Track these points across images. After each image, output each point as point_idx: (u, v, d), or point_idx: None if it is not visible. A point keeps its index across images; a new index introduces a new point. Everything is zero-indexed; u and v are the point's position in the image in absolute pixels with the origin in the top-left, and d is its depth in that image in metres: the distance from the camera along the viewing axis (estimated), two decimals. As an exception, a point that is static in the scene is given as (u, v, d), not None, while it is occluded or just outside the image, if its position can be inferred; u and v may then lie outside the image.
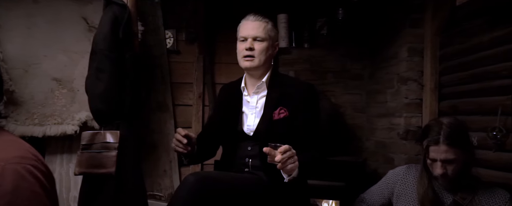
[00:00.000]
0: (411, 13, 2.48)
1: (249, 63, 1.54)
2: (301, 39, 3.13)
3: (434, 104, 2.37)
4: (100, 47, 1.22)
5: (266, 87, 1.59)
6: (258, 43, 1.55)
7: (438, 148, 1.38)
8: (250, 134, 1.57)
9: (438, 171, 1.38)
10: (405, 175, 1.58)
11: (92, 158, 1.17)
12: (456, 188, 1.45)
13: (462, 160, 1.40)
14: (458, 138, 1.40)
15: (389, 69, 2.73)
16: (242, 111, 1.62)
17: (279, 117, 1.53)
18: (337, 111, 3.13)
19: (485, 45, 1.95)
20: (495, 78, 1.89)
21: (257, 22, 1.56)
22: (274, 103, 1.55)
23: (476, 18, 2.04)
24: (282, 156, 1.33)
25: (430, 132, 1.42)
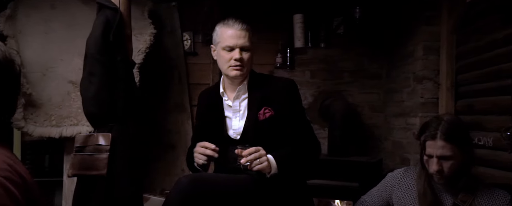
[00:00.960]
0: (426, 10, 2.42)
1: (239, 72, 1.54)
2: (317, 38, 3.12)
3: (450, 103, 2.31)
4: (91, 51, 1.27)
5: (246, 90, 1.59)
6: (245, 53, 1.55)
7: (435, 143, 1.36)
8: (237, 138, 1.58)
9: (433, 168, 1.36)
10: (403, 178, 1.55)
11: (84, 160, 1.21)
12: (455, 189, 1.42)
13: (459, 159, 1.37)
14: (457, 135, 1.38)
15: (405, 68, 2.68)
16: (225, 116, 1.63)
17: (265, 117, 1.54)
18: (354, 111, 3.09)
19: (500, 43, 1.89)
20: (509, 76, 1.81)
21: (243, 31, 1.54)
22: (257, 104, 1.55)
23: (490, 15, 1.97)
24: (247, 158, 1.36)
25: (428, 127, 1.41)
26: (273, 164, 1.45)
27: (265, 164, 1.41)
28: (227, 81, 1.63)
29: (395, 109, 2.85)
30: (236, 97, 1.61)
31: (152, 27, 2.31)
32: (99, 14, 1.29)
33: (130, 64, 1.30)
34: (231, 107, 1.62)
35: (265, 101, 1.56)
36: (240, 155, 1.41)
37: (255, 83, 1.61)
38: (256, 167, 1.40)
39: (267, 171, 1.44)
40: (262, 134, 1.55)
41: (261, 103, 1.57)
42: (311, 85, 3.12)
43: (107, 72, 1.23)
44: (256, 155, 1.40)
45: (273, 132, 1.55)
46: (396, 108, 2.83)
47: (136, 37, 2.24)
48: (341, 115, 2.80)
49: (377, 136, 3.09)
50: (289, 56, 3.10)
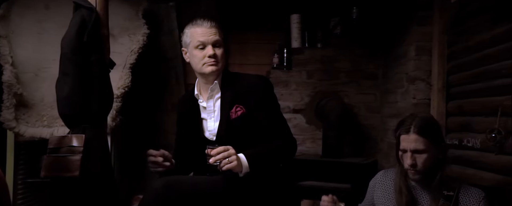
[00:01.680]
0: (418, 10, 2.40)
1: (214, 67, 1.55)
2: (314, 39, 3.12)
3: (442, 105, 2.29)
4: (65, 51, 1.29)
5: (219, 89, 1.60)
6: (218, 49, 1.57)
7: (408, 137, 1.41)
8: (213, 139, 1.60)
9: (408, 162, 1.40)
10: (383, 178, 1.57)
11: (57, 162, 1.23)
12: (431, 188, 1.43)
13: (432, 153, 1.41)
14: (429, 130, 1.43)
15: (399, 69, 2.66)
16: (201, 118, 1.64)
17: (236, 116, 1.55)
18: (350, 112, 3.09)
19: (488, 43, 1.86)
20: (496, 77, 1.79)
21: (214, 28, 1.56)
22: (229, 102, 1.56)
23: (480, 15, 1.95)
24: (215, 158, 1.36)
25: (403, 123, 1.46)
26: (245, 163, 1.45)
27: (234, 163, 1.41)
28: (201, 82, 1.64)
29: (390, 110, 2.84)
30: (209, 97, 1.62)
31: (146, 27, 2.34)
32: (75, 14, 1.32)
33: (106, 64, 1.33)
34: (206, 108, 1.64)
35: (236, 99, 1.57)
36: (209, 154, 1.41)
37: (227, 82, 1.62)
38: (225, 166, 1.40)
39: (238, 170, 1.44)
40: (234, 133, 1.55)
41: (232, 101, 1.57)
42: (308, 85, 3.13)
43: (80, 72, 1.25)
44: (225, 154, 1.40)
45: (246, 130, 1.55)
46: (391, 109, 2.82)
47: (129, 37, 2.28)
48: (335, 116, 2.80)
49: (374, 137, 3.08)
50: (286, 57, 3.12)
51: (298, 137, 3.10)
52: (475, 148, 1.94)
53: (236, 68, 3.18)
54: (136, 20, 2.36)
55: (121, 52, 2.24)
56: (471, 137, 1.99)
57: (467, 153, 2.03)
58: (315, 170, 2.67)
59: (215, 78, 1.60)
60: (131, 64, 2.21)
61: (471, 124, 2.00)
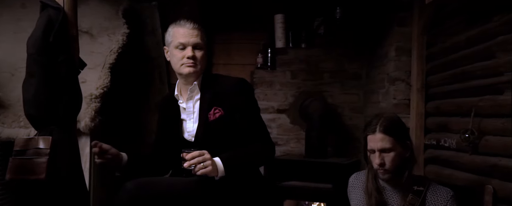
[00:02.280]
0: (399, 11, 2.42)
1: (192, 68, 1.52)
2: (298, 39, 3.13)
3: (421, 105, 2.30)
4: (30, 51, 1.27)
5: (199, 90, 1.60)
6: (198, 51, 1.56)
7: (374, 136, 1.44)
8: (192, 140, 1.59)
9: (376, 161, 1.42)
10: (354, 180, 1.58)
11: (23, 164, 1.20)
12: (406, 191, 1.44)
13: (398, 152, 1.43)
14: (394, 129, 1.46)
15: (381, 69, 2.68)
16: (181, 118, 1.64)
17: (214, 118, 1.54)
18: (334, 112, 3.09)
19: (463, 45, 1.88)
20: (471, 78, 1.81)
21: (195, 30, 1.55)
22: (207, 104, 1.56)
23: (455, 16, 1.97)
24: (189, 162, 1.36)
25: (370, 124, 1.49)
26: (220, 167, 1.44)
27: (208, 168, 1.40)
28: (181, 82, 1.64)
29: (373, 110, 2.85)
30: (189, 98, 1.61)
31: (126, 27, 2.32)
32: (42, 14, 1.30)
33: (75, 65, 1.31)
34: (185, 109, 1.63)
35: (215, 101, 1.56)
36: (184, 158, 1.40)
37: (207, 83, 1.62)
38: (200, 171, 1.39)
39: (213, 174, 1.43)
40: (212, 135, 1.55)
41: (211, 103, 1.57)
42: (292, 85, 3.13)
43: (46, 73, 1.23)
44: (200, 159, 1.39)
45: (224, 132, 1.55)
46: (374, 109, 2.83)
47: (109, 37, 2.26)
48: (318, 116, 2.80)
49: (358, 137, 3.09)
50: (270, 56, 3.12)
51: (282, 137, 3.15)
52: (452, 148, 1.96)
53: (221, 68, 3.18)
54: (116, 20, 2.34)
55: (100, 52, 2.23)
56: (448, 137, 2.00)
57: (444, 153, 2.05)
58: (298, 170, 2.67)
59: (194, 79, 1.60)
60: (110, 64, 2.19)
61: (448, 124, 2.02)
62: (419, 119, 2.31)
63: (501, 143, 1.58)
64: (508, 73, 1.54)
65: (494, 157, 1.62)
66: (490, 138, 1.66)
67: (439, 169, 2.12)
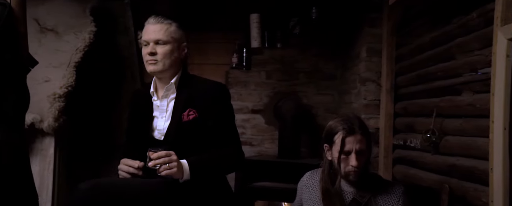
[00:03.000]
0: (370, 12, 2.43)
1: (153, 67, 1.51)
2: (273, 39, 3.12)
3: (390, 106, 2.32)
4: None
5: (175, 89, 1.57)
6: (160, 47, 1.50)
7: (354, 138, 1.39)
8: (161, 138, 1.56)
9: (354, 163, 1.38)
10: (309, 180, 1.57)
11: None
12: (356, 185, 1.44)
13: (368, 153, 1.43)
14: (366, 129, 1.44)
15: (353, 70, 2.69)
16: (153, 116, 1.61)
17: (188, 119, 1.51)
18: (309, 112, 3.10)
19: (427, 46, 1.90)
20: (434, 79, 1.83)
21: (158, 24, 1.51)
22: (182, 104, 1.53)
23: (421, 18, 1.99)
24: (154, 162, 1.33)
25: (340, 125, 1.43)
26: (186, 170, 1.42)
27: (174, 170, 1.37)
28: (157, 81, 1.61)
29: (346, 110, 2.86)
30: (164, 96, 1.58)
31: (93, 25, 2.28)
32: (-14, 11, 1.25)
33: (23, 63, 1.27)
34: (159, 106, 1.60)
35: (190, 102, 1.54)
36: (150, 158, 1.38)
37: (185, 83, 1.58)
38: (164, 172, 1.37)
39: (178, 177, 1.41)
40: (183, 136, 1.52)
41: (186, 104, 1.54)
42: (267, 85, 3.12)
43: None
44: (166, 160, 1.36)
45: (196, 134, 1.52)
46: (347, 110, 2.84)
47: (75, 35, 2.22)
48: (291, 116, 2.80)
49: (332, 137, 3.10)
50: (245, 56, 3.10)
51: (256, 138, 3.14)
52: (416, 149, 1.98)
53: (195, 67, 3.14)
54: (83, 18, 2.29)
55: (66, 50, 2.18)
56: (413, 137, 2.02)
57: (410, 154, 2.07)
58: (270, 171, 2.66)
59: (169, 77, 1.56)
60: (76, 62, 2.14)
61: (414, 125, 2.04)
62: (388, 120, 2.33)
63: (459, 143, 1.60)
64: (466, 74, 1.56)
65: (453, 157, 1.64)
66: (450, 138, 1.68)
67: (406, 169, 2.14)
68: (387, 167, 2.32)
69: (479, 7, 1.46)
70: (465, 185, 1.53)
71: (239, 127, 3.23)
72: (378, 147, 2.38)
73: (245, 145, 3.14)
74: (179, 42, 1.55)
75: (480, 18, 1.46)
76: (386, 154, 2.33)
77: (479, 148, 1.43)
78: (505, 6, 1.20)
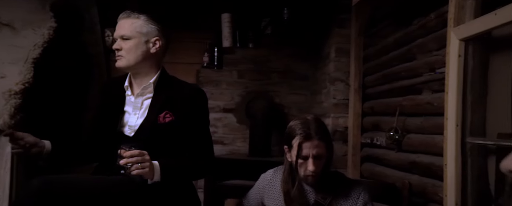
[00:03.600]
0: (339, 13, 2.48)
1: (118, 63, 1.46)
2: (245, 38, 3.12)
3: (358, 105, 2.37)
4: None
5: (153, 90, 1.51)
6: (125, 42, 1.45)
7: (311, 143, 1.36)
8: (131, 135, 1.53)
9: (311, 168, 1.36)
10: (272, 178, 1.56)
11: None
12: (319, 187, 1.44)
13: (327, 156, 1.41)
14: (325, 133, 1.41)
15: (323, 69, 2.74)
16: (124, 110, 1.56)
17: (164, 121, 1.48)
18: (281, 112, 3.12)
19: (391, 46, 1.95)
20: (397, 79, 1.88)
21: (124, 19, 1.46)
22: (160, 106, 1.48)
23: (386, 19, 2.04)
24: (126, 160, 1.31)
25: (296, 130, 1.40)
26: (157, 171, 1.38)
27: (146, 170, 1.33)
28: (132, 77, 1.56)
29: (318, 110, 2.90)
30: (140, 94, 1.53)
31: (53, 21, 2.21)
32: None
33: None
34: (132, 102, 1.55)
35: (168, 105, 1.49)
36: (121, 155, 1.33)
37: (163, 84, 1.54)
38: (135, 171, 1.32)
39: (149, 177, 1.37)
40: (158, 137, 1.48)
41: (163, 106, 1.50)
42: (239, 85, 3.13)
43: None
44: (139, 159, 1.30)
45: (170, 137, 1.48)
46: (318, 109, 2.88)
47: (34, 31, 2.15)
48: (262, 115, 2.82)
49: (304, 136, 3.13)
50: (217, 56, 3.09)
51: (228, 137, 3.14)
52: (382, 147, 2.03)
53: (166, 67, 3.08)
54: (42, 13, 2.22)
55: (23, 46, 2.10)
56: (379, 136, 2.08)
57: (376, 152, 2.13)
58: (241, 169, 2.66)
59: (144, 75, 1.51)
60: (34, 59, 2.07)
61: (380, 123, 2.09)
62: (357, 119, 2.38)
63: (419, 140, 1.65)
64: (426, 74, 1.61)
65: (414, 154, 1.69)
66: (411, 136, 1.74)
67: (372, 166, 2.19)
68: (355, 165, 2.37)
69: (436, 9, 1.52)
70: (424, 180, 1.59)
71: (211, 126, 3.19)
72: (347, 146, 2.43)
73: (216, 144, 3.14)
74: (147, 36, 1.49)
75: (437, 20, 1.51)
76: (354, 152, 2.38)
77: (437, 145, 1.48)
78: (458, 8, 1.25)
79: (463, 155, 1.21)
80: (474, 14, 1.22)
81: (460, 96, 1.20)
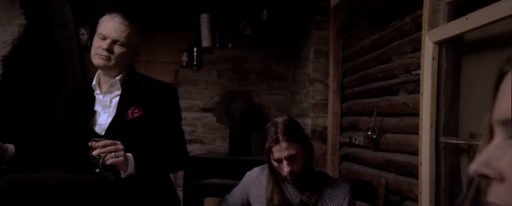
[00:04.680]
0: (317, 15, 2.52)
1: (103, 61, 1.46)
2: (224, 39, 3.13)
3: (337, 105, 2.42)
4: None
5: (120, 87, 1.54)
6: (118, 47, 1.47)
7: (279, 146, 1.38)
8: (102, 133, 1.53)
9: (286, 170, 1.39)
10: (259, 176, 1.58)
11: None
12: (304, 187, 1.47)
13: (303, 155, 1.43)
14: (294, 133, 1.42)
15: (302, 70, 2.77)
16: (94, 110, 1.57)
17: (133, 117, 1.49)
18: (260, 111, 3.14)
19: (368, 48, 2.00)
20: (374, 80, 1.93)
21: (123, 25, 1.47)
22: (128, 102, 1.49)
23: (363, 21, 2.09)
24: (100, 150, 1.30)
25: (268, 133, 1.42)
26: (131, 163, 1.38)
27: (121, 158, 1.32)
28: (101, 74, 1.56)
29: (296, 110, 2.94)
30: (108, 91, 1.54)
31: (23, 18, 2.16)
32: None
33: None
34: (101, 101, 1.56)
35: (136, 101, 1.51)
36: (93, 147, 1.32)
37: (131, 81, 1.55)
38: (110, 160, 1.31)
39: (123, 168, 1.36)
40: (127, 133, 1.48)
41: (132, 102, 1.51)
42: (218, 85, 3.13)
43: None
44: (112, 148, 1.30)
45: (139, 133, 1.49)
46: (297, 109, 2.92)
47: (2, 28, 2.10)
48: (241, 114, 2.84)
49: (283, 136, 3.16)
50: (196, 55, 3.09)
51: (207, 136, 3.14)
52: (359, 146, 2.08)
53: (142, 66, 3.06)
54: (12, 10, 2.17)
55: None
56: (357, 135, 2.12)
57: (354, 151, 2.18)
58: (221, 168, 2.67)
59: (115, 74, 1.53)
60: (3, 56, 2.02)
61: (357, 123, 2.14)
62: (335, 119, 2.43)
63: (395, 140, 1.70)
64: (401, 76, 1.67)
65: (391, 153, 1.74)
66: (388, 135, 1.79)
67: (350, 165, 2.24)
68: (334, 164, 2.42)
69: (411, 12, 1.57)
70: (400, 179, 1.64)
71: (190, 125, 3.25)
72: (327, 145, 2.47)
73: (196, 143, 3.14)
74: (136, 47, 1.54)
75: (412, 23, 1.56)
76: (333, 152, 2.43)
77: (412, 144, 1.53)
78: (431, 12, 1.29)
79: (437, 154, 1.26)
80: (447, 18, 1.27)
81: (435, 97, 1.25)
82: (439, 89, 1.26)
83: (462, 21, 1.15)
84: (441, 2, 1.28)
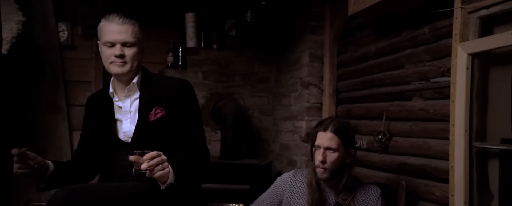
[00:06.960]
0: (312, 20, 2.56)
1: (120, 69, 1.43)
2: (209, 39, 3.07)
3: (332, 108, 2.48)
4: None
5: (138, 89, 1.50)
6: (128, 49, 1.44)
7: (325, 134, 1.49)
8: (128, 141, 1.47)
9: (319, 158, 1.48)
10: (293, 181, 1.60)
11: None
12: (338, 188, 1.52)
13: (341, 155, 1.49)
14: (344, 132, 1.52)
15: (293, 73, 2.80)
16: (115, 118, 1.52)
17: (156, 118, 1.45)
18: (245, 114, 3.13)
19: (373, 55, 2.08)
20: (381, 85, 2.01)
21: (125, 25, 1.42)
22: (148, 104, 1.47)
23: (366, 28, 2.16)
24: (149, 163, 1.25)
25: (323, 122, 1.55)
26: (171, 173, 1.34)
27: (167, 170, 1.31)
28: (116, 80, 1.52)
29: (283, 112, 2.96)
30: (126, 96, 1.50)
31: (21, 14, 1.98)
32: None
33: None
34: (121, 108, 1.52)
35: (156, 101, 1.47)
36: (136, 161, 1.26)
37: (147, 82, 1.52)
38: (157, 173, 1.28)
39: (166, 180, 1.33)
40: (153, 136, 1.45)
41: (152, 103, 1.48)
42: (204, 86, 3.07)
43: None
44: (159, 160, 1.27)
45: (165, 133, 1.46)
46: (284, 112, 2.95)
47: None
48: (233, 118, 2.80)
49: (266, 138, 3.18)
50: (181, 56, 3.00)
51: (193, 140, 3.06)
52: (362, 149, 2.14)
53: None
54: (7, 5, 1.96)
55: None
56: (358, 138, 2.19)
57: (355, 153, 2.24)
58: (213, 172, 2.62)
59: (131, 77, 1.48)
60: (1, 54, 1.83)
61: (358, 126, 2.21)
62: (329, 122, 2.48)
63: (408, 144, 1.79)
64: (415, 82, 1.75)
65: (402, 156, 1.82)
66: (398, 139, 1.87)
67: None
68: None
69: (430, 23, 1.66)
70: (415, 181, 1.72)
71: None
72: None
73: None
74: (142, 42, 1.50)
75: (431, 33, 1.65)
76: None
77: (431, 148, 1.62)
78: (462, 25, 1.38)
79: (470, 159, 1.35)
80: (478, 32, 1.36)
81: (468, 105, 1.33)
82: (471, 97, 1.34)
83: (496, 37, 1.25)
84: (471, 16, 1.37)
